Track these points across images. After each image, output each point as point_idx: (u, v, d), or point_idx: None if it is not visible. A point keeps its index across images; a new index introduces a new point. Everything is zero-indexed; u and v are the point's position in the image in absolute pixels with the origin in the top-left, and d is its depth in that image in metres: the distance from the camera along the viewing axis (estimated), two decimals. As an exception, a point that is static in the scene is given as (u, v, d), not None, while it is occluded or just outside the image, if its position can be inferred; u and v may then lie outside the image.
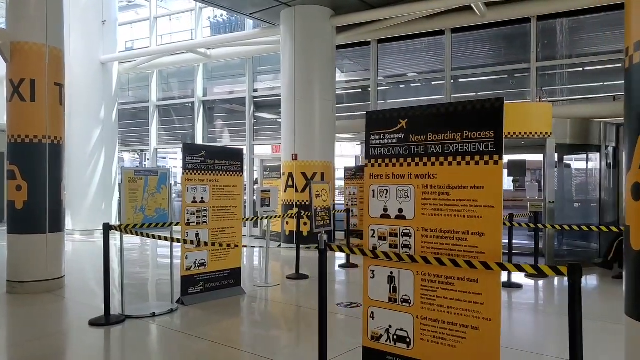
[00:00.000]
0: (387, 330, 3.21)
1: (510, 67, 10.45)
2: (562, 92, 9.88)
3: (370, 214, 3.31)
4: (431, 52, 11.42)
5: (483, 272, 2.79)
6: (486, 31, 10.56)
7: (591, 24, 9.67)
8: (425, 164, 3.05)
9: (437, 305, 2.99)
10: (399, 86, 12.33)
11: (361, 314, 5.29)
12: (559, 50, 9.88)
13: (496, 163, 2.78)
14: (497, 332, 2.76)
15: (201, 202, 6.01)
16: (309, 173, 10.25)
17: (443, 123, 2.99)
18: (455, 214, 2.93)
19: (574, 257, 8.57)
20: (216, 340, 4.56)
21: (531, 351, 4.31)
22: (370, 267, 3.30)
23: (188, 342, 4.54)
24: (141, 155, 22.58)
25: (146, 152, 16.39)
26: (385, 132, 3.24)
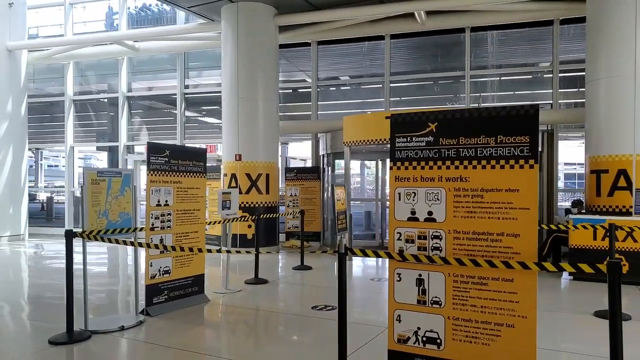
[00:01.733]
0: (416, 333, 3.22)
1: (446, 74, 11.01)
2: (492, 99, 10.61)
3: (395, 216, 3.30)
4: (370, 56, 11.70)
5: (519, 271, 2.90)
6: (424, 39, 11.03)
7: (517, 37, 10.49)
8: (457, 167, 3.11)
9: (470, 305, 3.06)
10: (338, 88, 12.47)
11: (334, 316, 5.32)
12: (489, 59, 10.60)
13: (531, 167, 2.91)
14: (533, 328, 2.89)
15: (165, 205, 5.62)
16: (253, 174, 10.01)
17: (476, 127, 3.06)
18: (489, 216, 3.02)
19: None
20: (191, 350, 4.28)
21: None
22: (397, 270, 3.30)
23: (161, 355, 4.21)
24: (36, 153, 20.59)
25: (42, 151, 14.97)
26: (412, 135, 3.26)
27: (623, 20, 7.79)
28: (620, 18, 7.81)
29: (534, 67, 10.67)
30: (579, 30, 9.80)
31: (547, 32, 10.04)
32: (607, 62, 8.00)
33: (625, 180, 7.79)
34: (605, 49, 8.00)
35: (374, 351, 4.27)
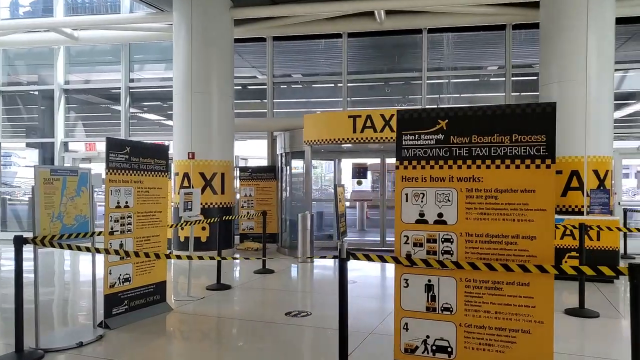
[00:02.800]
0: (425, 341, 3.05)
1: (404, 74, 11.06)
2: (448, 101, 10.77)
3: (402, 219, 3.12)
4: (327, 54, 11.53)
5: (535, 275, 2.80)
6: (382, 38, 11.00)
7: (472, 40, 10.71)
8: (469, 166, 2.97)
9: (483, 311, 2.93)
10: (292, 86, 12.20)
11: (316, 321, 5.09)
12: (445, 62, 10.75)
13: (548, 167, 2.82)
14: (550, 333, 2.80)
15: (125, 207, 5.13)
16: (207, 173, 9.53)
17: (489, 125, 2.94)
18: (504, 218, 2.90)
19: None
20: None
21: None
22: (404, 275, 3.11)
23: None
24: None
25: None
26: (420, 133, 3.09)
27: (575, 28, 8.11)
28: (573, 26, 8.12)
29: (487, 70, 10.93)
30: (530, 35, 10.14)
31: (501, 36, 10.32)
32: (559, 67, 8.29)
33: (577, 181, 8.12)
34: (558, 55, 8.30)
35: (366, 358, 4.06)
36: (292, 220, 10.33)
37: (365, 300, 6.32)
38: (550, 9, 8.50)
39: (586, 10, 8.00)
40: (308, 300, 6.20)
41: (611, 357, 4.14)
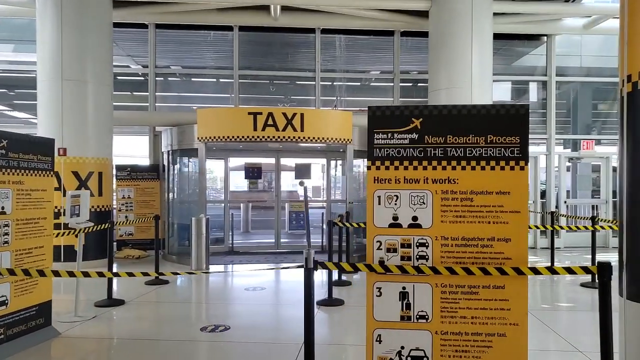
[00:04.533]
0: (399, 353, 2.88)
1: (298, 74, 10.91)
2: (340, 103, 10.89)
3: (375, 223, 2.91)
4: (216, 47, 10.91)
5: (510, 277, 2.80)
6: (275, 35, 10.72)
7: (363, 44, 10.97)
8: (444, 168, 2.87)
9: (459, 317, 2.85)
10: (166, 78, 11.29)
11: (240, 335, 4.65)
12: (337, 63, 10.86)
13: (522, 169, 2.84)
14: (525, 335, 2.82)
15: (2, 213, 4.15)
16: (82, 172, 8.33)
17: (464, 126, 2.87)
18: (479, 221, 2.85)
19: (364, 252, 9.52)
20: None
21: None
22: (376, 283, 2.91)
23: None
24: None
25: None
26: (394, 132, 2.91)
27: (461, 38, 8.71)
28: (459, 36, 8.73)
29: (377, 75, 11.29)
30: (415, 42, 10.70)
31: (390, 42, 10.72)
32: (447, 74, 8.86)
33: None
34: (446, 63, 8.85)
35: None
36: (180, 224, 9.55)
37: (285, 307, 6.02)
38: (438, 20, 9.03)
39: (470, 23, 8.64)
40: (219, 311, 5.68)
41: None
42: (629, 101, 2.79)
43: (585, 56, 11.32)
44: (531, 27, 10.45)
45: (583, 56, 11.41)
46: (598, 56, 11.24)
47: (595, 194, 11.22)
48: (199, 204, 8.80)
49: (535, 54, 11.12)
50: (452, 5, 8.73)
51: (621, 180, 2.86)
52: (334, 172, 12.12)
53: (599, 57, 11.23)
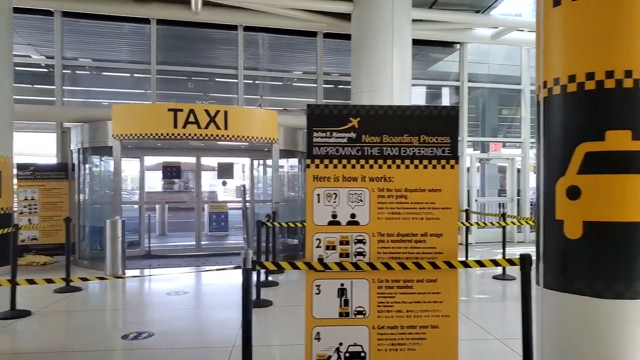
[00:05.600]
0: (337, 350, 2.90)
1: (221, 71, 10.65)
2: (263, 102, 10.78)
3: (314, 221, 2.91)
4: (132, 40, 10.35)
5: (442, 271, 2.93)
6: (196, 30, 10.38)
7: (286, 43, 10.95)
8: (380, 166, 2.94)
9: (395, 311, 2.94)
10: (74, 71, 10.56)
11: (166, 342, 4.44)
12: (261, 61, 10.75)
13: (452, 167, 2.97)
14: (455, 326, 2.96)
15: None
16: (-22, 171, 7.53)
17: (399, 126, 2.95)
18: (413, 217, 2.95)
19: (289, 252, 9.49)
20: None
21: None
22: (315, 282, 2.91)
23: None
24: None
25: None
26: (332, 130, 2.93)
27: (382, 42, 8.97)
28: (381, 40, 8.98)
29: (300, 75, 11.32)
30: (338, 44, 10.87)
31: (313, 43, 10.80)
32: (369, 77, 9.09)
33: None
34: (368, 66, 9.09)
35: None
36: (92, 227, 8.95)
37: (212, 310, 5.84)
38: (360, 23, 9.24)
39: (391, 28, 8.93)
40: (141, 318, 5.38)
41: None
42: (545, 105, 3.03)
43: (492, 64, 12.17)
44: (446, 34, 11.04)
45: (491, 64, 12.27)
46: (503, 65, 12.12)
47: (502, 193, 12.09)
48: (114, 206, 8.30)
49: (449, 61, 11.77)
50: (374, 10, 8.97)
51: (538, 179, 3.09)
52: (257, 172, 12.01)
53: (504, 66, 12.12)
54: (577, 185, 2.83)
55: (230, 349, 4.28)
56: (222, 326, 5.02)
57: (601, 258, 2.76)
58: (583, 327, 2.79)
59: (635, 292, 2.72)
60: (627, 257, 2.72)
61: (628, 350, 2.71)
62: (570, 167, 2.88)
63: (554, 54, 2.94)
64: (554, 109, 2.95)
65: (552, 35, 2.95)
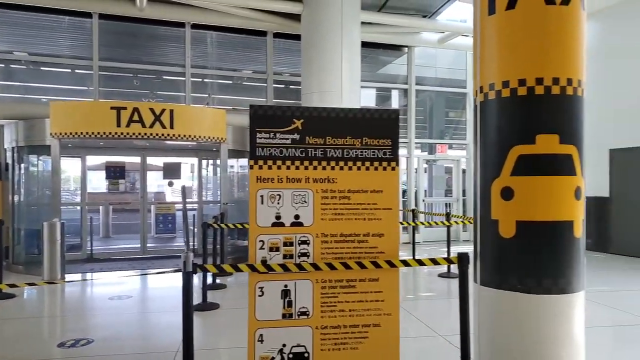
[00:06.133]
0: (281, 351, 2.90)
1: (165, 68, 10.38)
2: (212, 101, 10.60)
3: (257, 222, 2.90)
4: (72, 34, 9.91)
5: (384, 270, 2.99)
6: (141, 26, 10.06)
7: (236, 42, 10.82)
8: (324, 168, 2.97)
9: (338, 311, 2.97)
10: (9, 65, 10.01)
11: (104, 349, 4.29)
12: (209, 60, 10.57)
13: (393, 169, 3.04)
14: (397, 323, 3.03)
15: None
16: None
17: (342, 128, 2.99)
18: (356, 218, 3.00)
19: (239, 254, 9.36)
20: None
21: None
22: (258, 284, 2.89)
23: None
24: None
25: None
26: (276, 131, 2.92)
27: (332, 44, 9.05)
28: (330, 41, 9.06)
29: (250, 74, 11.21)
30: (289, 45, 10.86)
31: (263, 42, 10.73)
32: (319, 78, 9.14)
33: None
34: (318, 67, 9.14)
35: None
36: (29, 230, 8.51)
37: (156, 314, 5.68)
38: (310, 24, 9.28)
39: (340, 30, 9.02)
40: (80, 324, 5.16)
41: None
42: (481, 109, 3.16)
43: (439, 68, 12.54)
44: (394, 38, 11.26)
45: (438, 68, 12.63)
46: (450, 68, 12.50)
47: (448, 193, 12.48)
48: (52, 207, 7.92)
49: (398, 64, 12.02)
50: (323, 11, 9.03)
51: (475, 180, 3.22)
52: (206, 172, 11.80)
53: (450, 70, 12.50)
54: (510, 187, 2.96)
55: (174, 353, 4.19)
56: (166, 330, 4.91)
57: (532, 256, 2.90)
58: (515, 322, 2.93)
59: (561, 288, 2.88)
60: (554, 254, 2.88)
61: (554, 341, 2.86)
62: (505, 169, 3.02)
63: (490, 60, 3.07)
64: (489, 113, 3.07)
65: (488, 42, 3.08)
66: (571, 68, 2.95)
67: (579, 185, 2.97)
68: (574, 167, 2.95)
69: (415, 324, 5.09)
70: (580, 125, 3.04)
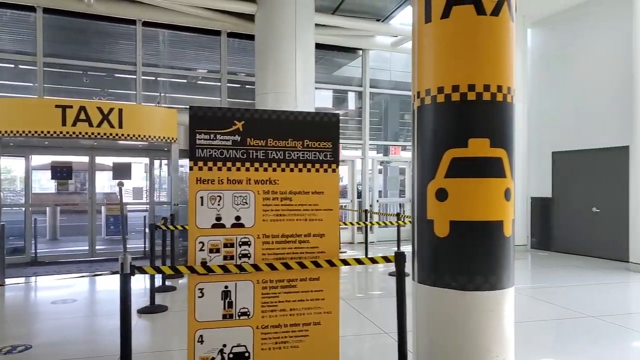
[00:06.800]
0: (221, 351, 2.92)
1: (115, 66, 10.12)
2: (165, 100, 10.42)
3: (197, 224, 2.90)
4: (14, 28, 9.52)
5: (325, 269, 3.06)
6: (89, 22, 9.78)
7: (190, 41, 10.67)
8: (266, 169, 3.00)
9: (279, 310, 3.01)
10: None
11: (45, 354, 4.17)
12: (162, 58, 10.39)
13: (334, 171, 3.12)
14: (337, 321, 3.10)
15: None
16: None
17: (284, 130, 3.04)
18: (297, 218, 3.05)
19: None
20: None
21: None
22: (198, 285, 2.90)
23: None
24: None
25: None
26: (216, 132, 2.94)
27: (286, 45, 9.09)
28: (284, 42, 9.09)
29: (204, 74, 11.09)
30: (243, 45, 10.81)
31: (216, 42, 10.64)
32: (273, 78, 9.15)
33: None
34: (273, 68, 9.15)
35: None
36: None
37: (101, 318, 5.56)
38: (264, 25, 9.28)
39: (294, 31, 9.07)
40: (19, 330, 4.98)
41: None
42: (418, 114, 3.28)
43: (393, 71, 12.79)
44: (349, 40, 11.40)
45: (392, 71, 12.87)
46: (403, 72, 12.78)
47: (402, 194, 12.74)
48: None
49: (353, 66, 12.18)
50: (277, 13, 9.05)
51: (413, 182, 3.33)
52: (158, 172, 11.58)
53: (404, 73, 12.77)
54: (444, 188, 3.08)
55: (116, 357, 4.11)
56: (109, 334, 4.80)
57: (464, 254, 3.04)
58: (448, 318, 3.05)
59: (491, 284, 3.03)
60: (485, 253, 3.02)
61: (485, 336, 3.01)
62: (439, 171, 3.14)
63: (426, 67, 3.19)
64: (426, 117, 3.19)
65: (424, 49, 3.20)
66: (501, 75, 3.10)
67: (508, 186, 3.12)
68: (504, 169, 3.10)
69: (363, 322, 5.19)
70: (510, 130, 3.19)
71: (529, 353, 4.19)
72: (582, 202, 9.73)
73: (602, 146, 9.24)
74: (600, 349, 4.32)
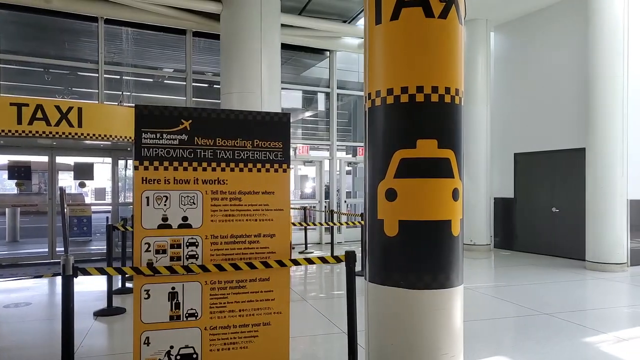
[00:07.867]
0: (168, 353, 2.88)
1: (76, 64, 9.88)
2: (129, 99, 10.23)
3: (143, 225, 2.86)
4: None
5: (275, 270, 3.05)
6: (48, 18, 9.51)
7: (154, 40, 10.51)
8: (214, 169, 2.98)
9: (227, 311, 2.99)
10: None
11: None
12: (124, 57, 10.19)
13: (285, 171, 3.11)
14: (287, 322, 3.10)
15: None
16: None
17: (233, 130, 3.02)
18: (247, 219, 3.04)
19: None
20: None
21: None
22: (144, 286, 2.85)
23: None
24: None
25: None
26: (163, 132, 2.90)
27: (251, 45, 9.03)
28: (250, 42, 9.02)
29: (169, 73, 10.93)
30: (209, 44, 10.70)
31: (182, 41, 10.50)
32: (239, 78, 9.08)
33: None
34: (237, 67, 9.08)
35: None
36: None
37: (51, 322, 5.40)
38: (229, 25, 9.21)
39: (260, 31, 9.02)
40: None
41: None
42: (369, 115, 3.30)
43: (362, 72, 12.86)
44: (316, 41, 11.42)
45: (360, 72, 12.95)
46: (370, 73, 12.83)
47: (367, 194, 12.81)
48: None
49: (321, 67, 12.21)
50: (242, 12, 8.99)
51: (365, 182, 3.36)
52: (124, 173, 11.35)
53: (371, 75, 12.83)
54: (394, 188, 3.12)
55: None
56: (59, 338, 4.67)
57: (413, 253, 3.07)
58: (398, 316, 3.09)
59: (440, 283, 3.07)
60: (433, 251, 3.07)
61: (435, 334, 3.05)
62: (389, 172, 3.17)
63: (377, 68, 3.22)
64: (376, 118, 3.22)
65: (375, 51, 3.23)
66: (449, 77, 3.15)
67: (456, 187, 3.18)
68: (452, 170, 3.15)
69: (323, 321, 5.20)
70: (458, 131, 3.24)
71: (481, 350, 4.27)
72: (542, 203, 9.99)
73: (560, 148, 9.50)
74: (551, 344, 4.44)
